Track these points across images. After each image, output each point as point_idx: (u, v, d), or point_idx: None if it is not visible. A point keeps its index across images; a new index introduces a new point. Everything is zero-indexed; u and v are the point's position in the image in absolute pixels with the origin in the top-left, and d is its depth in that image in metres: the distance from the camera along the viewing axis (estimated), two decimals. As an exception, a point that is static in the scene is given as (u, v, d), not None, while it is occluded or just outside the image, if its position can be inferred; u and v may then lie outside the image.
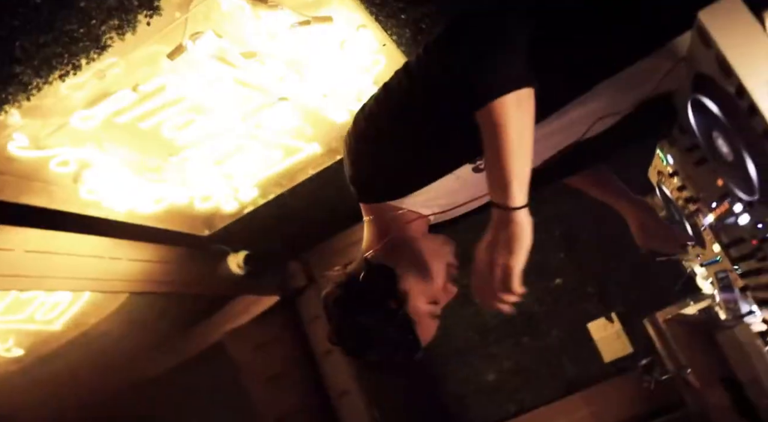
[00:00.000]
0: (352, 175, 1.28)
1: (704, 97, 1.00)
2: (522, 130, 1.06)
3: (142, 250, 2.94)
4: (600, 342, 3.29)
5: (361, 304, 1.32)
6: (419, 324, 1.35)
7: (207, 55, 1.86)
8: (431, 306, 1.36)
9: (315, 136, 2.56)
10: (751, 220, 1.13)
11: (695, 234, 1.72)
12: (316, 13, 1.80)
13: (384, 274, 1.32)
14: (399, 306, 1.31)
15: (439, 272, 1.37)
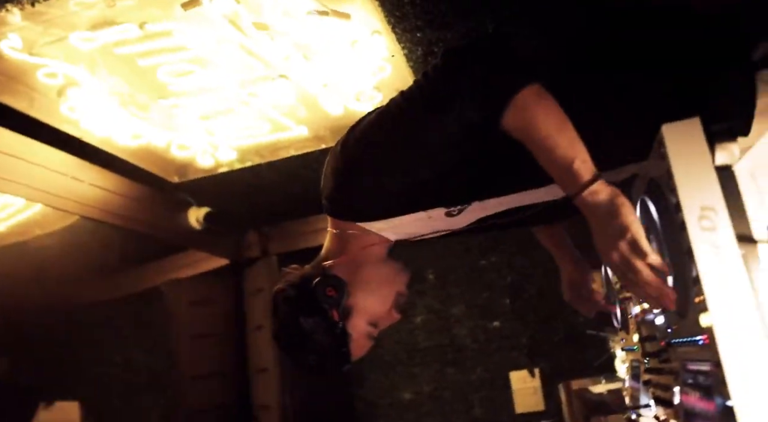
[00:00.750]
0: (331, 191, 1.30)
1: (651, 201, 1.05)
2: (555, 116, 1.02)
3: (107, 179, 2.93)
4: (517, 392, 3.36)
5: (307, 308, 1.35)
6: (354, 340, 1.39)
7: (220, 15, 1.87)
8: (370, 328, 1.40)
9: (306, 120, 2.58)
10: (664, 323, 1.18)
11: (623, 320, 1.78)
12: (336, 6, 1.82)
13: (336, 286, 1.35)
14: (340, 319, 1.35)
15: (388, 298, 1.41)
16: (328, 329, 1.32)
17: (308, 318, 1.32)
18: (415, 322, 3.66)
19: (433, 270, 3.68)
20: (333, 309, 1.32)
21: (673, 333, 1.12)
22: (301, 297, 1.34)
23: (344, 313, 1.33)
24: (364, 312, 1.35)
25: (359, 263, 1.37)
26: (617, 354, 2.16)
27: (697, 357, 0.96)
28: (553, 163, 1.01)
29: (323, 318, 1.32)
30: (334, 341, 1.33)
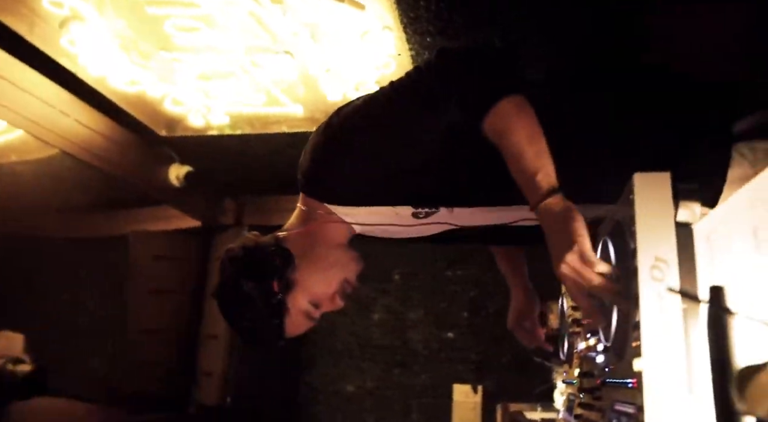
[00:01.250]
0: (307, 169, 1.31)
1: (611, 243, 1.07)
2: (530, 128, 1.07)
3: (94, 119, 2.89)
4: (457, 405, 3.39)
5: (250, 272, 1.36)
6: (291, 316, 1.40)
7: (237, -22, 1.86)
8: (310, 307, 1.41)
9: (303, 99, 2.57)
10: (603, 362, 1.21)
11: (568, 353, 1.82)
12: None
13: (283, 257, 1.36)
14: (280, 291, 1.36)
15: (334, 282, 1.42)
16: (265, 297, 1.33)
17: (249, 282, 1.32)
18: (373, 319, 3.68)
19: (400, 272, 3.70)
20: (275, 278, 1.33)
21: (609, 372, 1.14)
22: (248, 261, 1.35)
23: (286, 286, 1.34)
24: (306, 289, 1.36)
25: (315, 241, 1.38)
26: (557, 385, 2.20)
27: (625, 399, 0.99)
28: (520, 171, 1.06)
29: (263, 285, 1.33)
30: (269, 311, 1.34)
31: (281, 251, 1.35)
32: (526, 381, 3.24)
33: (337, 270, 1.41)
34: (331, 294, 1.41)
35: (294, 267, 1.35)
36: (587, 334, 1.40)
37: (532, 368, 3.24)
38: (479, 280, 3.51)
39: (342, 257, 1.43)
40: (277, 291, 1.34)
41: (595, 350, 1.33)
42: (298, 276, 1.37)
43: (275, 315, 1.36)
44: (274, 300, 1.34)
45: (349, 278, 1.44)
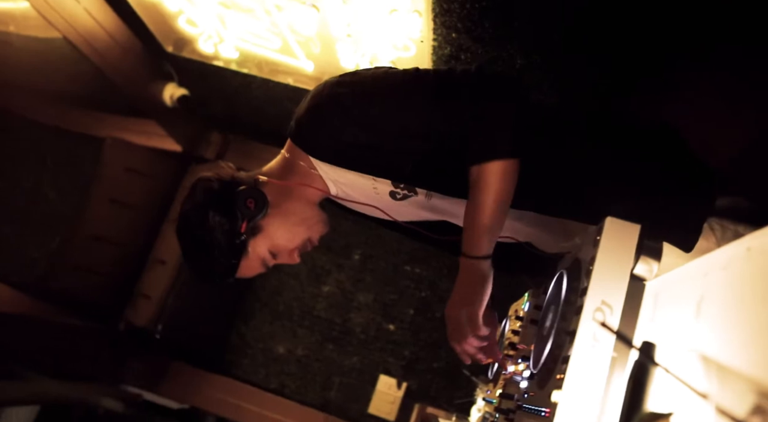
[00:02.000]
0: (304, 118, 1.31)
1: (567, 276, 1.08)
2: (504, 196, 1.18)
3: (104, 13, 2.81)
4: (377, 394, 3.43)
5: (221, 207, 1.35)
6: (248, 259, 1.40)
7: None
8: (268, 255, 1.41)
9: (316, 57, 2.54)
10: (526, 387, 1.23)
11: (496, 373, 1.84)
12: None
13: (258, 201, 1.36)
14: (246, 233, 1.35)
15: (298, 238, 1.43)
16: (229, 235, 1.33)
17: (217, 215, 1.32)
18: (322, 290, 3.68)
19: (361, 253, 3.70)
20: (244, 220, 1.33)
21: (528, 398, 1.16)
22: (221, 195, 1.34)
23: (252, 229, 1.35)
24: (270, 238, 1.37)
25: (291, 193, 1.38)
26: (477, 401, 2.24)
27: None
28: (473, 222, 1.18)
29: (231, 223, 1.33)
30: (228, 249, 1.34)
31: (258, 194, 1.35)
32: (450, 391, 3.30)
33: (304, 228, 1.42)
34: (291, 248, 1.42)
35: (265, 213, 1.34)
36: (518, 359, 1.42)
37: (459, 380, 3.30)
38: (434, 283, 3.53)
39: (312, 216, 1.43)
40: (242, 232, 1.33)
41: (521, 375, 1.35)
42: (265, 223, 1.36)
43: (234, 254, 1.36)
44: (237, 240, 1.34)
45: (313, 238, 1.44)
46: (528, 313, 1.50)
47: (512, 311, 1.82)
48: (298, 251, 1.45)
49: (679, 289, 0.80)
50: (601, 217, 0.95)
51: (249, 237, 1.36)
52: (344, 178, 1.38)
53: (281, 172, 1.43)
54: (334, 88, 1.28)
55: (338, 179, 1.39)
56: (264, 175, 1.43)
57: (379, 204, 1.43)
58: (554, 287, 1.16)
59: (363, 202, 1.45)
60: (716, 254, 0.70)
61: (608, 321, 0.86)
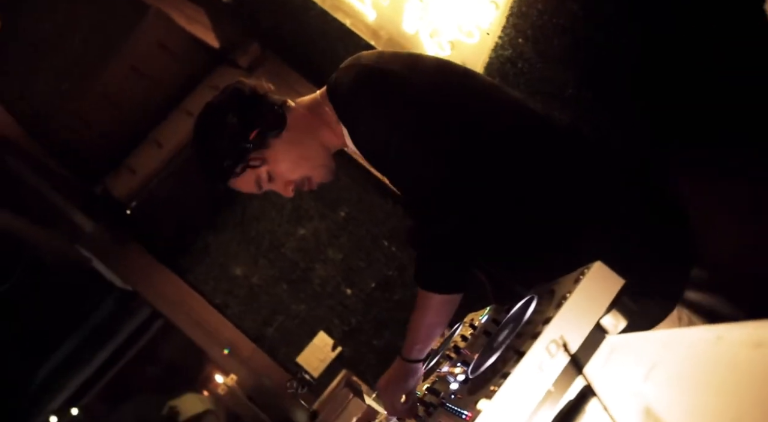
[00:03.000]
0: (348, 87, 1.34)
1: (536, 302, 1.10)
2: (438, 320, 1.41)
3: None
4: (310, 348, 3.47)
5: (241, 111, 1.36)
6: (245, 172, 1.41)
7: None
8: (264, 176, 1.43)
9: (381, 9, 2.49)
10: (455, 389, 1.26)
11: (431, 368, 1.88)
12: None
13: (278, 121, 1.37)
14: (254, 144, 1.36)
15: (299, 172, 1.45)
16: (237, 138, 1.36)
17: (235, 117, 1.35)
18: (297, 232, 3.69)
19: (348, 212, 3.71)
20: (257, 130, 1.35)
21: (453, 399, 1.19)
22: (248, 101, 1.37)
23: (261, 143, 1.37)
24: (274, 160, 1.39)
25: (310, 129, 1.40)
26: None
27: (450, 425, 1.03)
28: (409, 333, 1.46)
29: (243, 128, 1.36)
30: (231, 150, 1.37)
31: (279, 112, 1.37)
32: (379, 370, 3.33)
33: (309, 165, 1.43)
34: (289, 180, 1.43)
35: (279, 135, 1.36)
36: (458, 363, 1.45)
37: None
38: (404, 267, 3.56)
39: (321, 158, 1.45)
40: (251, 140, 1.35)
41: (455, 377, 1.38)
42: (276, 144, 1.38)
43: (234, 157, 1.37)
44: (243, 146, 1.36)
45: (314, 179, 1.46)
46: (484, 324, 1.52)
47: (468, 319, 1.85)
48: (294, 186, 1.47)
49: (636, 351, 0.81)
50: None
51: (255, 148, 1.37)
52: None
53: (310, 108, 1.45)
54: (385, 82, 1.29)
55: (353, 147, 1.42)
56: (294, 103, 1.45)
57: None
58: (520, 307, 1.18)
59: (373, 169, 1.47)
60: (684, 331, 0.72)
61: (557, 358, 0.88)
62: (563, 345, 0.87)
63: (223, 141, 1.36)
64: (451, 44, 2.21)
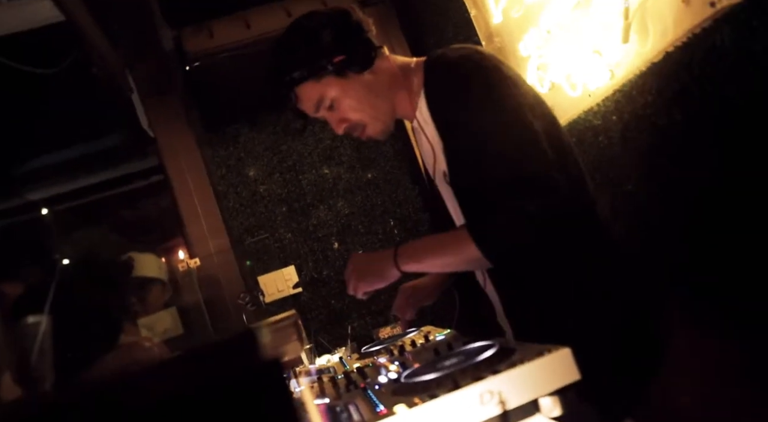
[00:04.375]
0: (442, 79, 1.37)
1: (493, 351, 1.14)
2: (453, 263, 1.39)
3: None
4: (275, 274, 3.53)
5: (338, 34, 1.40)
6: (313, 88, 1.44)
7: None
8: (326, 102, 1.45)
9: (507, 20, 2.47)
10: (383, 381, 1.31)
11: (371, 351, 1.94)
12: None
13: (363, 56, 1.39)
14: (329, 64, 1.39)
15: (358, 114, 1.47)
16: (318, 53, 1.38)
17: (329, 36, 1.35)
18: (321, 169, 3.73)
19: (375, 177, 3.74)
20: (343, 58, 1.37)
21: (377, 390, 1.24)
22: (349, 28, 1.37)
23: (340, 70, 1.40)
24: (342, 90, 1.42)
25: (389, 86, 1.43)
26: (335, 354, 2.35)
27: (361, 409, 1.09)
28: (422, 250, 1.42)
29: (330, 48, 1.37)
30: (310, 63, 1.39)
31: (371, 56, 1.38)
32: (326, 329, 3.42)
33: (371, 114, 1.45)
34: (345, 117, 1.45)
35: (360, 72, 1.37)
36: (396, 361, 1.50)
37: (340, 329, 3.42)
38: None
39: (385, 114, 1.47)
40: (333, 62, 1.36)
41: (387, 371, 1.43)
42: (353, 79, 1.40)
43: (309, 71, 1.39)
44: (323, 63, 1.37)
45: (368, 129, 1.48)
46: (437, 342, 1.57)
47: (426, 330, 1.90)
48: (348, 125, 1.49)
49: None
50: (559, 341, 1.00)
51: (333, 72, 1.39)
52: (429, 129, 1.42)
53: (400, 67, 1.46)
54: (497, 73, 1.29)
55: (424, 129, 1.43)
56: (392, 53, 1.46)
57: (432, 169, 1.47)
58: (478, 347, 1.22)
59: (424, 155, 1.49)
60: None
61: (488, 406, 0.92)
62: (499, 400, 0.92)
63: (308, 50, 1.38)
64: (551, 84, 2.21)
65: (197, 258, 2.99)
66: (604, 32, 1.79)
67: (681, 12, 1.45)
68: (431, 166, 1.48)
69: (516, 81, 1.32)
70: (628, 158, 1.89)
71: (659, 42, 1.58)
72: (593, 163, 2.03)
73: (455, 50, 1.36)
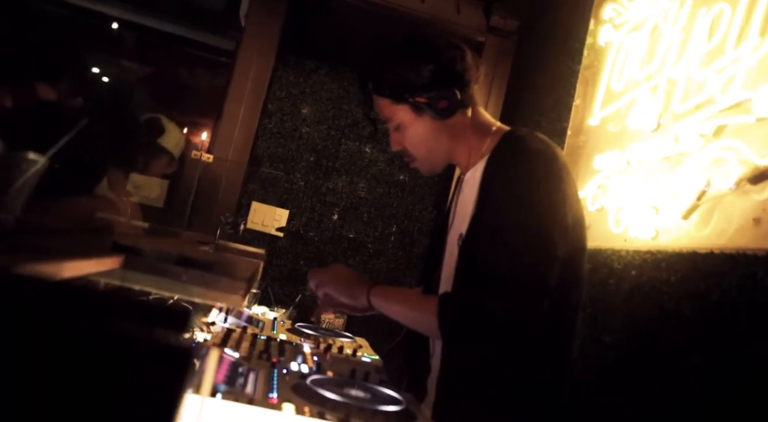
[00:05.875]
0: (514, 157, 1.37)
1: (401, 407, 1.17)
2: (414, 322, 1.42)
3: None
4: (268, 209, 3.58)
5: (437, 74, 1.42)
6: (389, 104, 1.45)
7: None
8: (396, 122, 1.47)
9: (606, 135, 2.48)
10: (292, 370, 1.35)
11: (306, 326, 1.97)
12: None
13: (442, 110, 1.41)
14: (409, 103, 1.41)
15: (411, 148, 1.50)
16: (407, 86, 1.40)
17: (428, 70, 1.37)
18: (364, 149, 3.75)
19: (402, 191, 3.76)
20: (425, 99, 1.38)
21: (282, 373, 1.28)
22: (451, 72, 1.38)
23: (417, 106, 1.40)
24: (412, 123, 1.42)
25: (456, 138, 1.44)
26: (273, 312, 2.39)
27: (256, 386, 1.12)
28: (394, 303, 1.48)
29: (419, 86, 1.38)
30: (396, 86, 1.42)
31: (452, 108, 1.39)
32: (282, 288, 3.47)
33: (424, 153, 1.48)
34: (403, 144, 1.47)
35: (433, 116, 1.39)
36: (315, 358, 1.54)
37: (297, 293, 3.46)
38: (384, 267, 3.64)
39: (437, 159, 1.52)
40: (412, 99, 1.38)
41: (300, 355, 1.47)
42: (425, 117, 1.41)
43: (393, 93, 1.41)
44: (405, 94, 1.39)
45: (416, 164, 1.50)
46: (360, 363, 1.60)
47: (359, 343, 1.93)
48: (402, 149, 1.52)
49: None
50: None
51: (409, 101, 1.41)
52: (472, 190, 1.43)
53: (476, 128, 1.47)
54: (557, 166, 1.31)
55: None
56: (475, 110, 1.47)
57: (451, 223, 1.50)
58: (386, 397, 1.25)
59: (455, 209, 1.51)
60: None
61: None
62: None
63: (400, 75, 1.40)
64: (601, 207, 2.22)
65: (212, 156, 3.02)
66: (673, 195, 1.80)
67: (747, 227, 1.46)
68: (452, 220, 1.51)
69: (570, 197, 1.33)
70: (622, 315, 1.90)
71: (712, 239, 1.58)
72: (591, 298, 2.05)
73: (536, 139, 1.37)
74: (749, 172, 1.49)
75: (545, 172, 1.29)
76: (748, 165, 1.51)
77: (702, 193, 1.62)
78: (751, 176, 1.48)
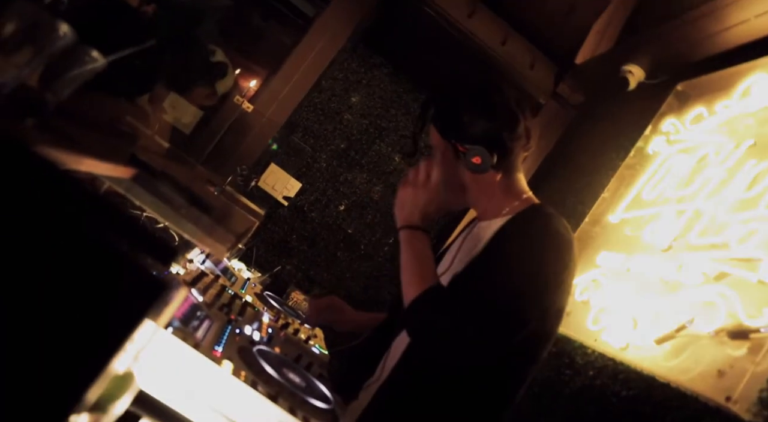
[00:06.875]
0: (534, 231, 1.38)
1: (329, 406, 1.20)
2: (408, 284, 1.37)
3: None
4: (284, 176, 3.63)
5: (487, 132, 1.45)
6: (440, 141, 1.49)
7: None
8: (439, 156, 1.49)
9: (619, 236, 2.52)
10: (246, 333, 1.38)
11: (280, 299, 2.01)
12: None
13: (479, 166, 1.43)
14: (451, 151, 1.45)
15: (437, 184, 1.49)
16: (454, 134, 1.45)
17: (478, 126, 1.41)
18: (377, 144, 3.78)
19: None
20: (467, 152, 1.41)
21: (235, 333, 1.31)
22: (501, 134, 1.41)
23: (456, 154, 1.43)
24: (446, 162, 1.46)
25: (482, 193, 1.47)
26: (250, 273, 2.43)
27: (207, 336, 1.16)
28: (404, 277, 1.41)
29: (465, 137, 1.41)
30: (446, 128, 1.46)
31: (488, 167, 1.42)
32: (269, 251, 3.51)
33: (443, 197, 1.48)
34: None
35: (465, 167, 1.42)
36: (269, 331, 1.57)
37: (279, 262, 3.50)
38: (378, 271, 3.67)
39: (451, 206, 1.56)
40: (456, 148, 1.41)
41: (257, 322, 1.50)
42: (459, 165, 1.44)
43: (440, 128, 1.45)
44: (451, 138, 1.42)
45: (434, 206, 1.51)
46: (308, 351, 1.64)
47: (315, 333, 1.96)
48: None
49: None
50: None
51: (450, 143, 1.44)
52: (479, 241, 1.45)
53: (506, 187, 1.50)
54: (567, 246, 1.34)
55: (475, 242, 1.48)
56: (509, 175, 1.50)
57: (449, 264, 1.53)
58: (319, 392, 1.29)
59: (457, 246, 1.54)
60: None
61: None
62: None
63: (453, 118, 1.43)
64: (585, 301, 2.25)
65: (252, 106, 3.07)
66: (656, 317, 1.83)
67: (711, 376, 1.49)
68: (450, 260, 1.53)
69: (565, 289, 1.36)
70: (565, 406, 1.93)
71: (675, 372, 1.61)
72: (543, 379, 2.08)
73: (562, 223, 1.39)
74: (732, 325, 1.52)
75: (557, 256, 1.32)
76: (734, 319, 1.54)
77: (682, 326, 1.65)
78: (731, 330, 1.51)
